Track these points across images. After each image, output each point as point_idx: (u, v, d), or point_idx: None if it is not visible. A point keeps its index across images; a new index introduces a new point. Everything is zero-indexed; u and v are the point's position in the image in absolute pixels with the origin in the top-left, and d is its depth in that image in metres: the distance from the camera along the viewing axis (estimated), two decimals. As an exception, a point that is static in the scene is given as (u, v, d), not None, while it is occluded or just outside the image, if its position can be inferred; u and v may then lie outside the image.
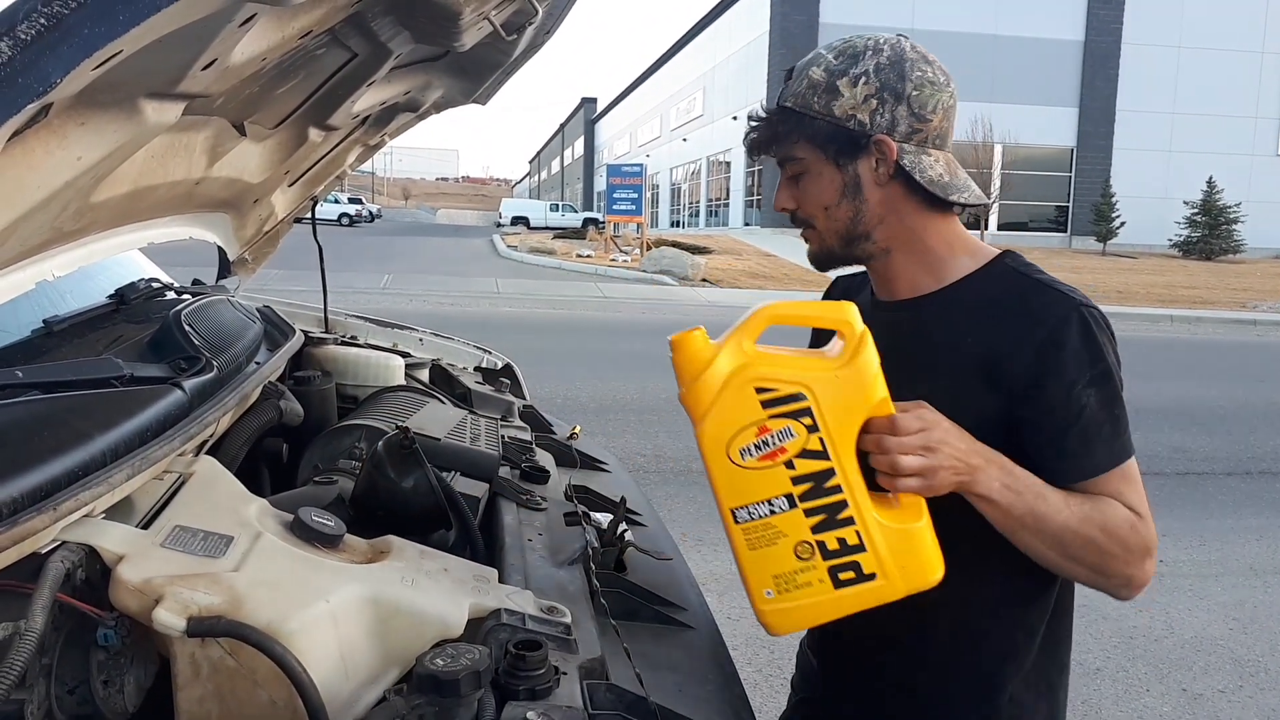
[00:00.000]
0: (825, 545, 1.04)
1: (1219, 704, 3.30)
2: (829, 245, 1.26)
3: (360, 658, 0.96)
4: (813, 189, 1.23)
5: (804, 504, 1.04)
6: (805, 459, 1.03)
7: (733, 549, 1.08)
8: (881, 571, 1.04)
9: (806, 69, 1.21)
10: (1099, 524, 1.10)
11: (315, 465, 1.62)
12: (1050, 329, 1.12)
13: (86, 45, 0.63)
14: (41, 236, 1.13)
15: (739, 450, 1.04)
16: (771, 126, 1.23)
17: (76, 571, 0.91)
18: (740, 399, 1.04)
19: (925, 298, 1.24)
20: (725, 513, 1.07)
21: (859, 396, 1.04)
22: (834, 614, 1.07)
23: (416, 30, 1.38)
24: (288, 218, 2.36)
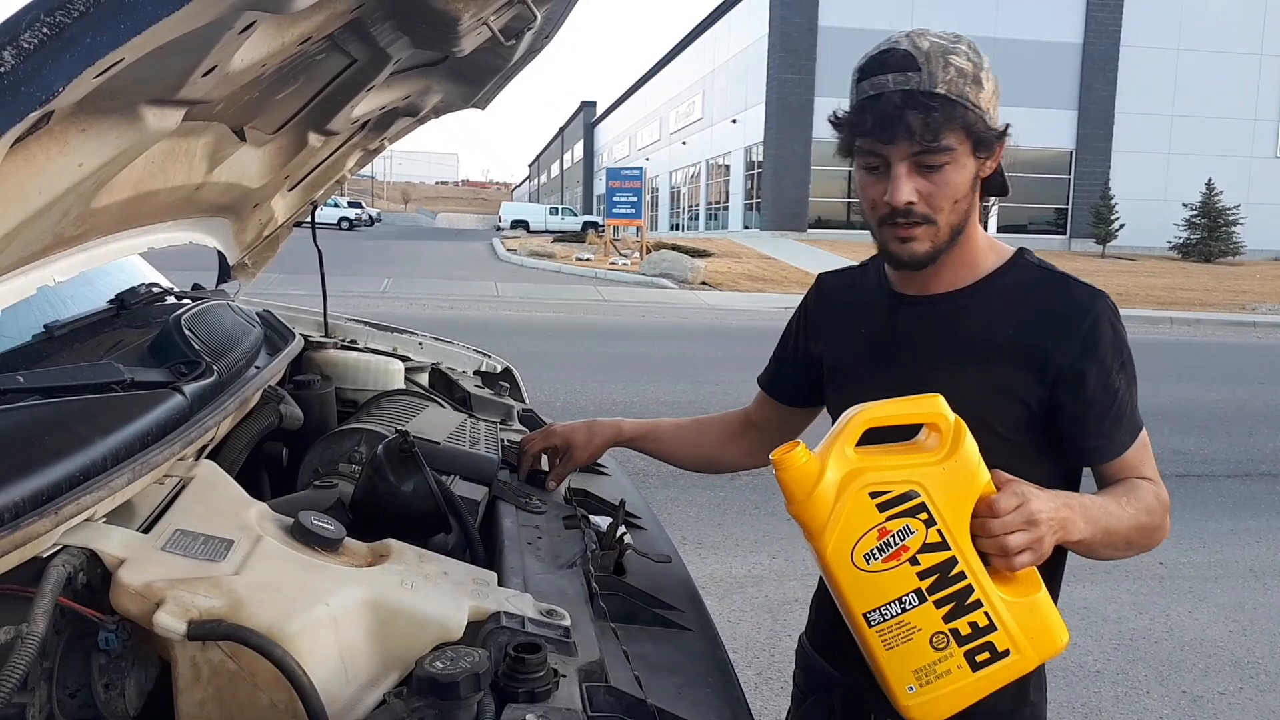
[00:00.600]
0: (959, 632, 1.06)
1: (1219, 706, 3.30)
2: (942, 241, 1.21)
3: (360, 661, 0.96)
4: (953, 180, 1.18)
5: (933, 596, 1.06)
6: (927, 553, 1.06)
7: (868, 651, 1.10)
8: (1015, 647, 1.07)
9: (944, 55, 1.15)
10: (1143, 509, 1.20)
11: (315, 469, 1.62)
12: (1089, 322, 1.20)
13: (88, 54, 0.63)
14: (43, 242, 1.13)
15: (863, 556, 1.06)
16: (930, 112, 1.14)
17: (78, 575, 0.91)
18: (856, 506, 1.07)
19: (962, 291, 1.27)
20: (858, 619, 1.08)
21: (967, 484, 1.08)
22: (976, 696, 1.09)
23: (415, 36, 1.38)
24: (287, 222, 2.36)
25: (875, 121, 1.16)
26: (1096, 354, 1.20)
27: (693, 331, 12.01)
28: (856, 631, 1.10)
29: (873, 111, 1.16)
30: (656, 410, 7.02)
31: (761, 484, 5.45)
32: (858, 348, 1.36)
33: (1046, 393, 1.21)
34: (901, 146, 1.15)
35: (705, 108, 38.56)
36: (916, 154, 1.16)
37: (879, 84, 1.16)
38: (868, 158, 1.20)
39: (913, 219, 1.19)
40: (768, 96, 30.41)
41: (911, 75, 1.14)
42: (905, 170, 1.17)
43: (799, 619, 1.60)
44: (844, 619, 1.12)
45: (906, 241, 1.21)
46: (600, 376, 8.29)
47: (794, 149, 29.77)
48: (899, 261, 1.24)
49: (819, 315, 1.47)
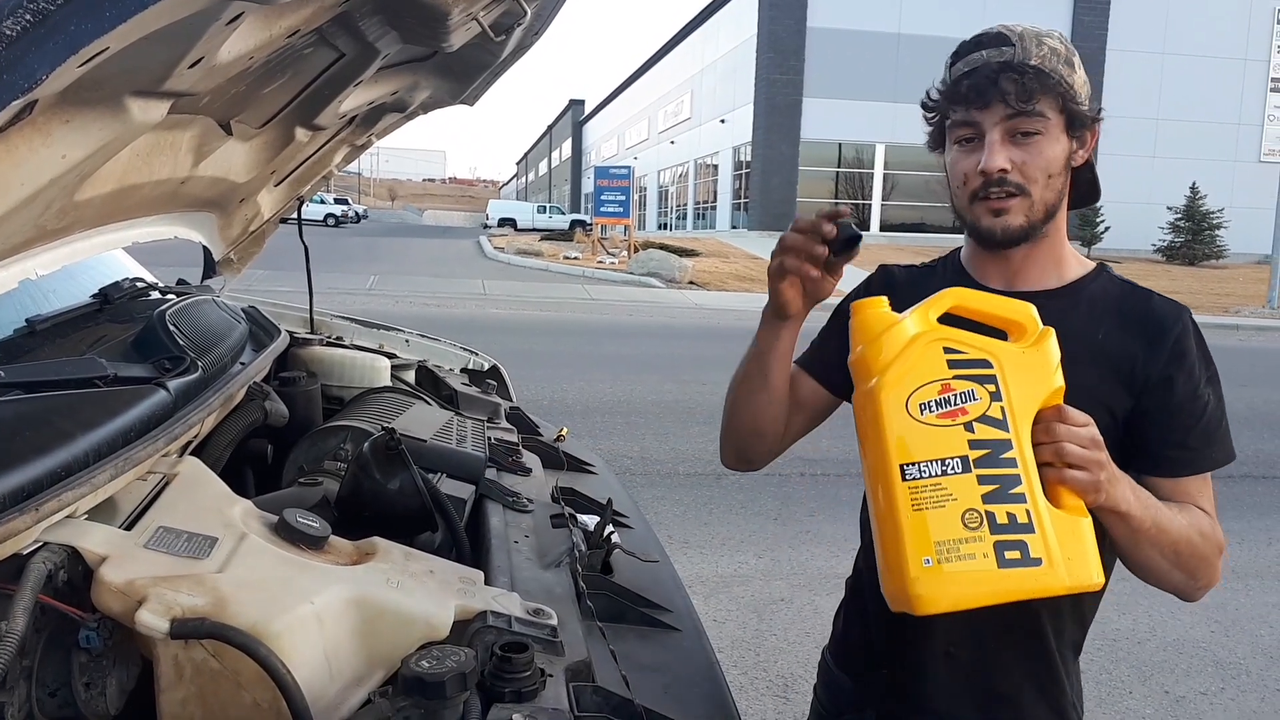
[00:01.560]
0: (995, 517, 0.98)
1: (1201, 706, 3.32)
2: (1035, 218, 1.21)
3: (345, 660, 0.95)
4: (1048, 151, 1.18)
5: (979, 470, 0.99)
6: (985, 424, 1.01)
7: (889, 513, 1.01)
8: (1048, 558, 0.98)
9: (1037, 37, 1.18)
10: (1198, 529, 1.17)
11: (300, 466, 1.61)
12: (1177, 334, 1.22)
13: (72, 42, 0.62)
14: (25, 235, 1.12)
15: (919, 405, 1.02)
16: (1026, 77, 1.15)
17: (58, 573, 0.90)
18: (928, 354, 1.04)
19: (1052, 292, 1.27)
20: (891, 469, 1.00)
21: (1041, 378, 1.05)
22: (991, 596, 0.98)
23: (404, 30, 1.37)
24: (274, 218, 2.34)
25: (970, 87, 1.18)
26: (1185, 362, 1.21)
27: (680, 331, 12.01)
28: (883, 490, 1.01)
29: (969, 79, 1.18)
30: (643, 409, 7.02)
31: (747, 483, 5.45)
32: None
33: (1132, 401, 1.21)
34: (995, 111, 1.17)
35: (694, 107, 38.59)
36: (1011, 118, 1.17)
37: (974, 60, 1.19)
38: (961, 130, 1.21)
39: (1007, 188, 1.19)
40: (756, 96, 30.46)
41: (1006, 49, 1.17)
42: (1000, 136, 1.18)
43: (785, 618, 1.60)
44: (872, 478, 1.05)
45: (1000, 214, 1.20)
46: (587, 375, 8.28)
47: (782, 149, 29.84)
48: (992, 238, 1.23)
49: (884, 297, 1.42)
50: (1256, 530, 5.26)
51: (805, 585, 4.03)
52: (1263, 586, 4.45)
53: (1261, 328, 16.16)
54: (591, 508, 1.55)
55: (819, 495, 5.21)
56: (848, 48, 29.01)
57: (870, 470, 1.05)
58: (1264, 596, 4.34)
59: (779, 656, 3.42)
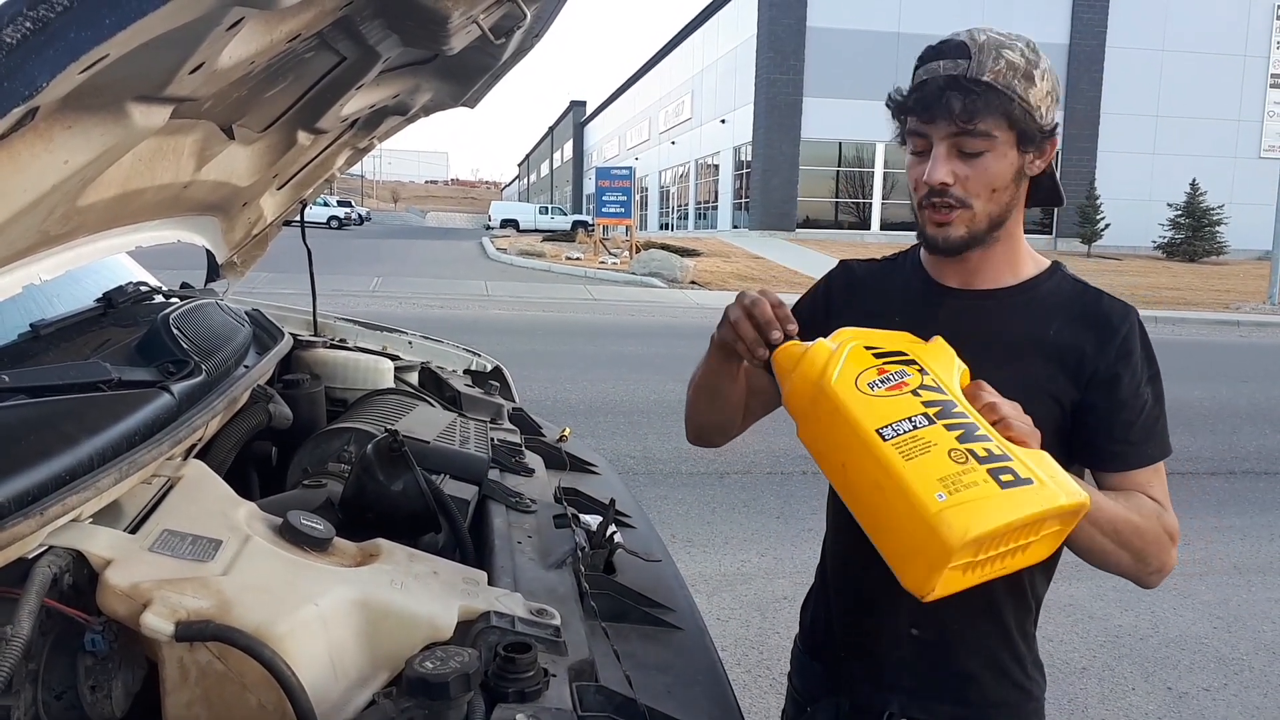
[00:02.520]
0: (975, 453, 1.03)
1: (1204, 702, 3.32)
2: (978, 229, 1.24)
3: (350, 661, 0.96)
4: (992, 168, 1.21)
5: (941, 421, 1.05)
6: (927, 391, 1.09)
7: (884, 478, 1.03)
8: (1036, 477, 1.02)
9: (998, 49, 1.19)
10: (1137, 510, 1.22)
11: (304, 468, 1.61)
12: (1124, 334, 1.27)
13: (73, 49, 0.62)
14: (28, 240, 1.12)
15: (867, 384, 1.09)
16: (971, 96, 1.18)
17: (64, 576, 0.91)
18: (854, 355, 1.13)
19: (1006, 290, 1.32)
20: (870, 437, 1.05)
21: (948, 361, 1.14)
22: (1010, 514, 0.99)
23: (405, 34, 1.38)
24: (276, 221, 2.35)
25: (918, 101, 1.21)
26: (1131, 360, 1.26)
27: (682, 331, 12.01)
28: (868, 460, 1.05)
29: (919, 92, 1.21)
30: (646, 409, 7.02)
31: (750, 483, 5.46)
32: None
33: (1079, 394, 1.26)
34: (940, 127, 1.20)
35: (694, 108, 38.58)
36: (955, 135, 1.19)
37: (931, 69, 1.21)
38: (915, 139, 1.25)
39: (948, 200, 1.22)
40: (756, 96, 30.45)
41: (960, 62, 1.19)
42: (944, 151, 1.21)
43: (787, 616, 1.61)
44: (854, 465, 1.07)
45: (942, 225, 1.24)
46: (590, 375, 8.28)
47: (782, 149, 29.82)
48: (934, 245, 1.27)
49: (843, 299, 1.44)
50: (1258, 526, 5.26)
51: (808, 583, 4.02)
52: (1265, 582, 4.45)
53: (1262, 324, 16.14)
54: (594, 508, 1.55)
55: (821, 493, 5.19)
56: (848, 47, 28.98)
57: (847, 460, 1.08)
58: (1266, 592, 4.33)
59: (782, 654, 3.42)
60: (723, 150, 34.99)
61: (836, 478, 1.12)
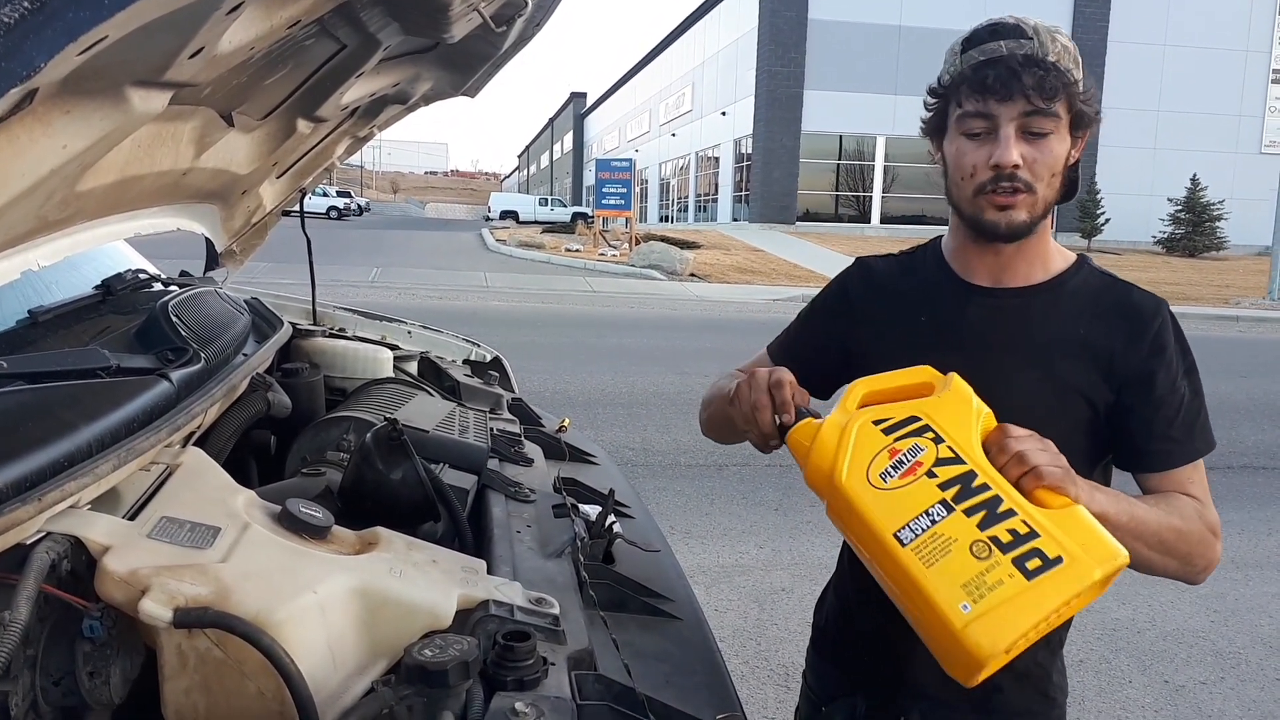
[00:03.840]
0: (999, 539, 0.97)
1: (1200, 695, 3.33)
2: (1037, 215, 1.22)
3: (348, 649, 0.95)
4: (1056, 150, 1.18)
5: (960, 505, 1.00)
6: (943, 466, 1.03)
7: (906, 580, 1.00)
8: (1066, 553, 0.96)
9: (1051, 33, 1.17)
10: (1180, 515, 1.18)
11: (303, 457, 1.61)
12: (1157, 328, 1.23)
13: (71, 29, 0.62)
14: (26, 225, 1.12)
15: (879, 475, 1.04)
16: (1048, 75, 1.15)
17: (62, 563, 0.91)
18: (863, 435, 1.07)
19: (1035, 287, 1.28)
20: (888, 542, 1.01)
21: (966, 411, 1.07)
22: (1039, 611, 0.95)
23: (405, 22, 1.37)
24: (276, 209, 2.34)
25: (995, 79, 1.15)
26: (1165, 356, 1.23)
27: (681, 323, 12.01)
28: (889, 563, 1.00)
29: (992, 70, 1.16)
30: (645, 400, 7.02)
31: (749, 474, 5.46)
32: (918, 335, 1.31)
33: (1113, 395, 1.23)
34: (1015, 106, 1.15)
35: (695, 100, 38.48)
36: (1027, 115, 1.16)
37: (991, 50, 1.17)
38: (972, 122, 1.19)
39: (1016, 184, 1.18)
40: (757, 89, 30.37)
41: (1025, 42, 1.16)
42: (1014, 132, 1.17)
43: (786, 608, 1.61)
44: (874, 567, 1.05)
45: (1005, 209, 1.19)
46: (589, 367, 8.28)
47: (783, 141, 29.76)
48: (996, 231, 1.22)
49: (864, 299, 1.40)
50: (1256, 520, 5.27)
51: (806, 575, 4.04)
52: (1262, 576, 4.46)
53: (1261, 319, 16.14)
54: (593, 498, 1.55)
55: (820, 487, 5.21)
56: (849, 40, 28.91)
57: (871, 558, 1.06)
58: (1263, 586, 4.34)
59: (780, 646, 3.43)
60: (723, 143, 34.92)
61: (870, 568, 1.08)
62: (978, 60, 1.18)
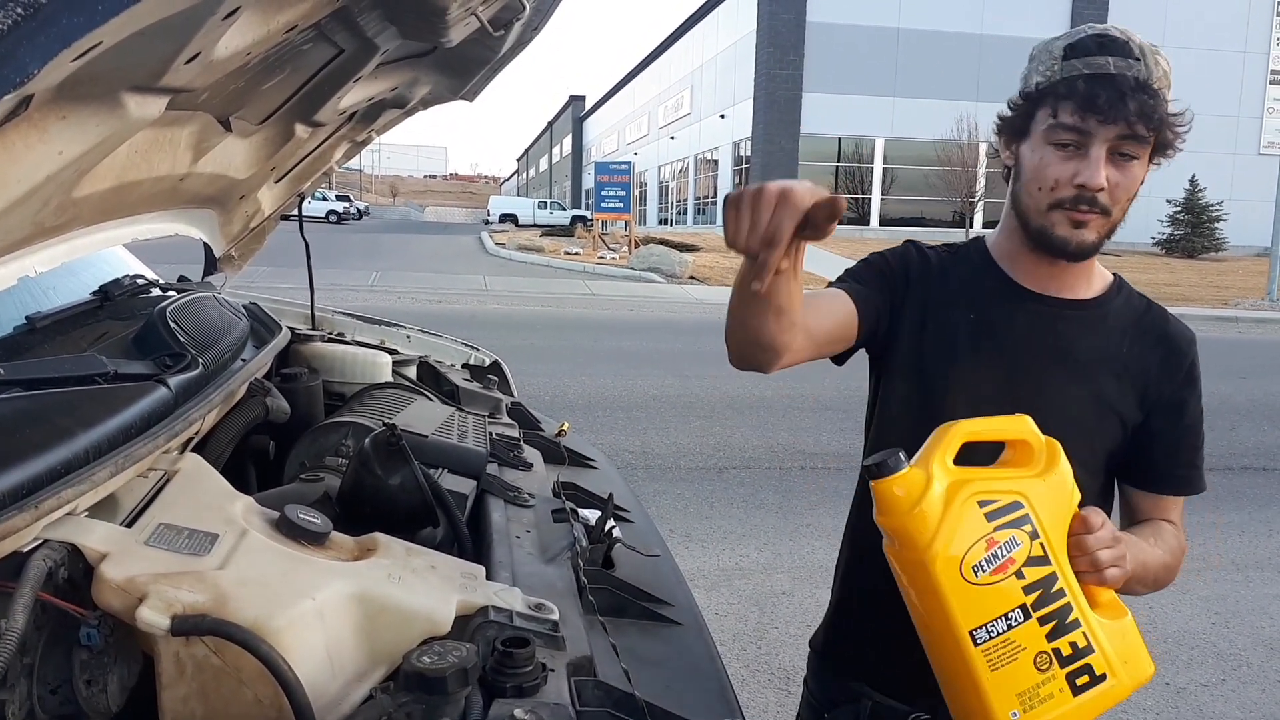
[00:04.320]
0: (1060, 653, 1.02)
1: (1201, 697, 3.33)
2: (1104, 237, 1.20)
3: (347, 655, 0.95)
4: (1138, 176, 1.17)
5: (1037, 613, 1.02)
6: (1032, 566, 1.03)
7: (967, 675, 1.02)
8: (1110, 670, 1.04)
9: (1155, 55, 1.15)
10: (1168, 551, 1.23)
11: (302, 463, 1.61)
12: (1192, 359, 1.27)
13: (65, 35, 0.62)
14: (23, 232, 1.11)
15: (972, 568, 1.01)
16: (1153, 101, 1.13)
17: (59, 570, 0.90)
18: (965, 514, 1.02)
19: (1085, 303, 1.28)
20: (961, 637, 1.01)
21: (1065, 500, 1.06)
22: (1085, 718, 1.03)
23: (403, 26, 1.37)
24: (274, 214, 2.34)
25: (1106, 99, 1.12)
26: (1195, 387, 1.26)
27: (681, 326, 12.01)
28: (953, 654, 1.02)
29: (1103, 89, 1.12)
30: (645, 404, 7.02)
31: (749, 477, 5.46)
32: (960, 331, 1.29)
33: (1143, 416, 1.25)
34: (1113, 129, 1.13)
35: (694, 103, 38.53)
36: (1122, 138, 1.13)
37: (1097, 64, 1.13)
38: (1064, 134, 1.15)
39: (1096, 207, 1.16)
40: (756, 92, 30.41)
41: (1134, 64, 1.13)
42: (1105, 154, 1.14)
43: (786, 611, 1.60)
44: (931, 644, 1.05)
45: (1079, 226, 1.17)
46: (588, 370, 8.28)
47: (782, 144, 29.78)
48: (1065, 249, 1.19)
49: (916, 279, 1.33)
50: (1256, 522, 5.26)
51: (806, 578, 4.03)
52: (1263, 578, 4.46)
53: (1261, 320, 16.15)
54: (593, 502, 1.54)
55: (819, 488, 5.21)
56: (847, 42, 28.94)
57: (934, 630, 1.05)
58: (1264, 588, 4.34)
59: (780, 649, 3.42)
60: (722, 145, 34.95)
61: (917, 621, 1.08)
62: (1083, 73, 1.14)
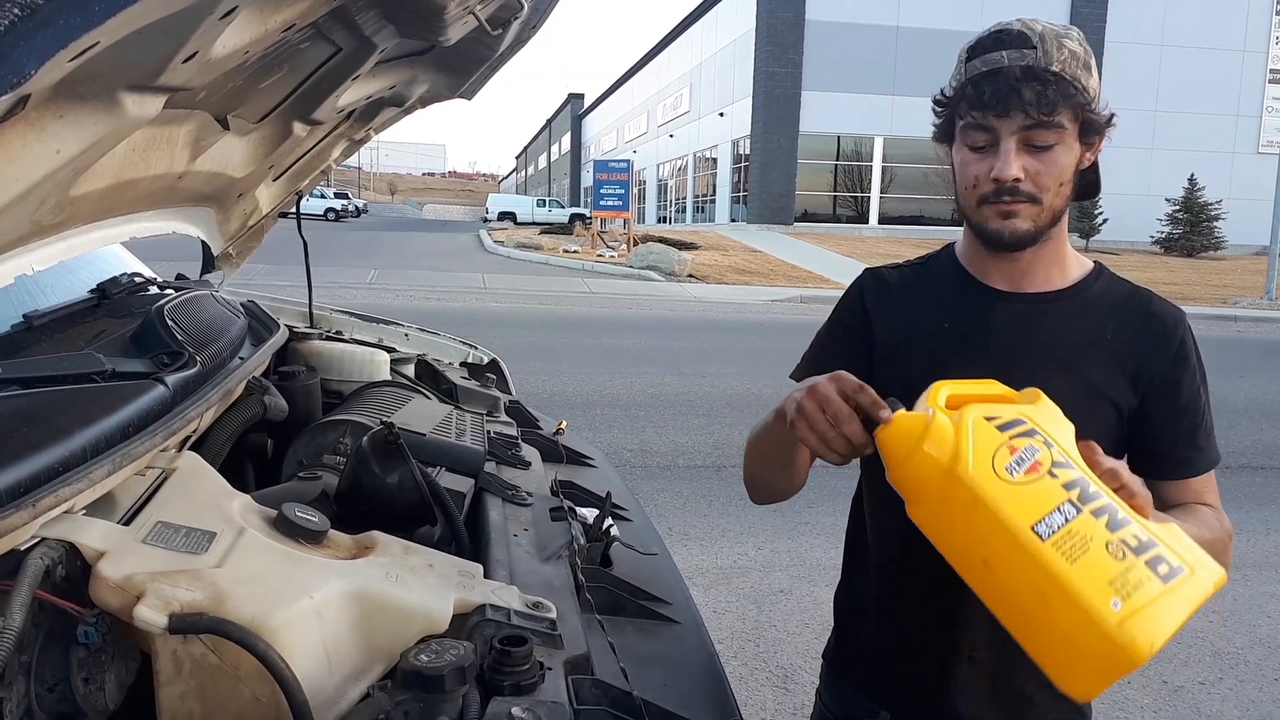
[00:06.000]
0: (1127, 543, 0.93)
1: (1199, 695, 3.33)
2: (1042, 224, 1.20)
3: (344, 654, 0.95)
4: (1062, 161, 1.17)
5: (1087, 507, 0.95)
6: (1060, 469, 0.98)
7: (1045, 580, 0.92)
8: (1185, 563, 0.94)
9: (1058, 38, 1.15)
10: (1207, 528, 1.19)
11: (300, 461, 1.61)
12: (1181, 336, 1.25)
13: (62, 36, 0.62)
14: (20, 230, 1.11)
15: (1005, 468, 0.97)
16: (1048, 87, 1.13)
17: (56, 568, 0.90)
18: (980, 429, 0.99)
19: (1058, 293, 1.27)
20: (1027, 538, 0.93)
21: (1062, 424, 1.03)
22: (1183, 614, 0.92)
23: (401, 24, 1.37)
24: (272, 212, 2.34)
25: (992, 94, 1.14)
26: (1189, 364, 1.24)
27: (680, 324, 12.01)
28: (1025, 564, 0.93)
29: (990, 84, 1.15)
30: (643, 402, 7.02)
31: (748, 476, 5.45)
32: (940, 342, 1.29)
33: (1136, 400, 1.24)
34: (1014, 120, 1.14)
35: (693, 101, 38.49)
36: (1028, 128, 1.15)
37: (993, 60, 1.15)
38: (974, 134, 1.18)
39: (1018, 197, 1.17)
40: (755, 90, 30.38)
41: (1027, 52, 1.14)
42: (1015, 145, 1.16)
43: (784, 610, 1.60)
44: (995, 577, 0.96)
45: (1009, 217, 1.18)
46: (587, 368, 8.27)
47: (781, 142, 29.77)
48: (999, 240, 1.20)
49: (880, 308, 1.36)
50: (1255, 520, 5.27)
51: (804, 576, 4.03)
52: (1260, 577, 4.46)
53: (1259, 319, 16.16)
54: (591, 501, 1.55)
55: (817, 487, 5.19)
56: (846, 40, 28.91)
57: (993, 558, 0.96)
58: (1262, 586, 4.35)
59: (779, 647, 3.43)
60: (721, 143, 34.92)
61: (974, 574, 0.99)
62: (980, 71, 1.16)
